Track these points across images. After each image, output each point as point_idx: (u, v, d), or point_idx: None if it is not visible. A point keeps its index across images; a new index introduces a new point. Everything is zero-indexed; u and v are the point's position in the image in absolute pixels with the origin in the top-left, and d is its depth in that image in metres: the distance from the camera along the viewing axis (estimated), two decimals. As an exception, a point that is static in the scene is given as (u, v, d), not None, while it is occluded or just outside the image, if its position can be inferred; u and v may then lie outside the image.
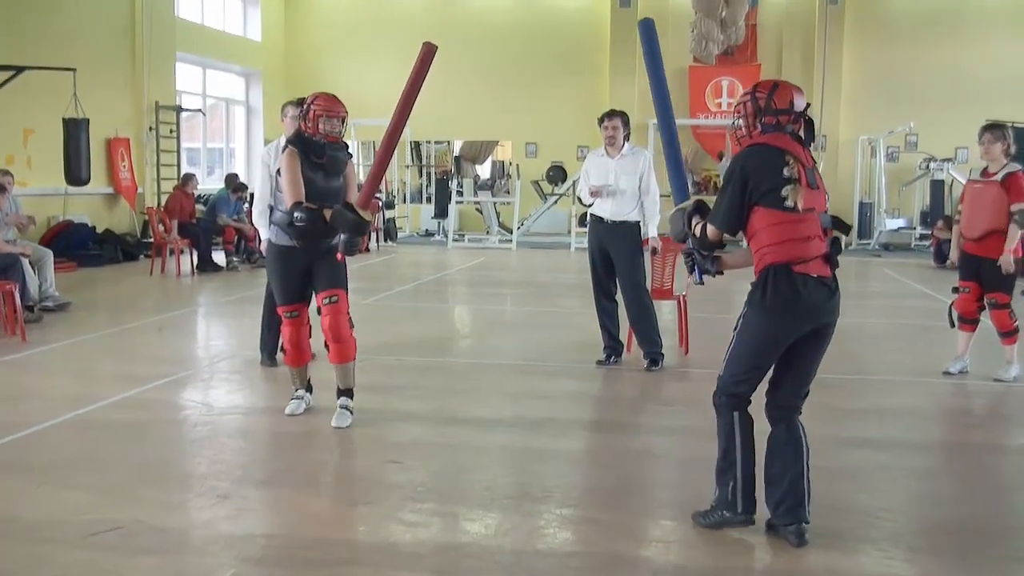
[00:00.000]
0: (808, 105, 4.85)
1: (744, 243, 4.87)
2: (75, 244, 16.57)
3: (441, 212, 24.29)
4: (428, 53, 6.43)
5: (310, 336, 6.99)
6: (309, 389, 7.18)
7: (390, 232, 22.99)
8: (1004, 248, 8.14)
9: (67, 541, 4.69)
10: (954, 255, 8.94)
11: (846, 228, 4.76)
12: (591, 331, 9.13)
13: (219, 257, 16.87)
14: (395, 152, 22.80)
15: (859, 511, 5.30)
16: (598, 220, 8.72)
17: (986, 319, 8.62)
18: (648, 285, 8.89)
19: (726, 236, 4.81)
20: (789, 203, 4.56)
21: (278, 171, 6.70)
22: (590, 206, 8.84)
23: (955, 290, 8.68)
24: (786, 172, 4.57)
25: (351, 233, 6.36)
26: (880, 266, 18.84)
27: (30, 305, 10.65)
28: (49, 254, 11.79)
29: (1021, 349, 8.51)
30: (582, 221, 16.48)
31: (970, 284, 8.50)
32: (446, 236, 23.24)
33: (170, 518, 5.06)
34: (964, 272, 8.59)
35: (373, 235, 21.59)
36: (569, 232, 21.99)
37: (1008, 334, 8.41)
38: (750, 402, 4.87)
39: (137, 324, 11.06)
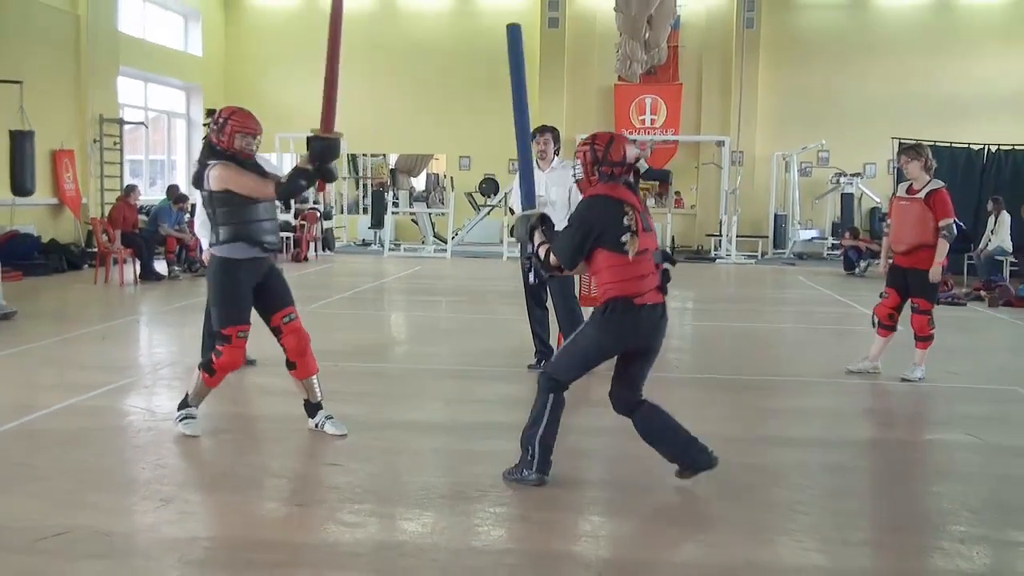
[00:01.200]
0: (638, 158, 5.37)
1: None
2: (21, 254, 16.29)
3: (377, 223, 24.21)
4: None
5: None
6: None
7: (328, 242, 22.87)
8: (934, 261, 8.31)
9: (12, 547, 4.59)
10: (883, 265, 9.08)
11: (672, 261, 5.46)
12: (523, 336, 9.14)
13: (161, 266, 16.66)
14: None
15: (777, 505, 5.35)
16: (530, 230, 8.73)
17: (901, 325, 8.78)
18: (576, 293, 8.92)
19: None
20: (627, 249, 5.12)
21: (213, 191, 6.24)
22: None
23: (880, 296, 8.86)
24: (626, 221, 5.14)
25: (332, 157, 6.32)
26: (794, 274, 19.07)
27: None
28: (-5, 265, 11.59)
29: (929, 354, 8.70)
30: (513, 232, 16.53)
31: (891, 291, 8.68)
32: (382, 246, 23.15)
33: (115, 522, 4.97)
34: (889, 280, 8.78)
35: (311, 244, 21.47)
36: (501, 242, 22.01)
37: (923, 339, 8.59)
38: (567, 388, 5.51)
39: (81, 332, 10.87)
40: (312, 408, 6.61)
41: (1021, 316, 13.06)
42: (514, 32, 6.11)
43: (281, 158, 23.80)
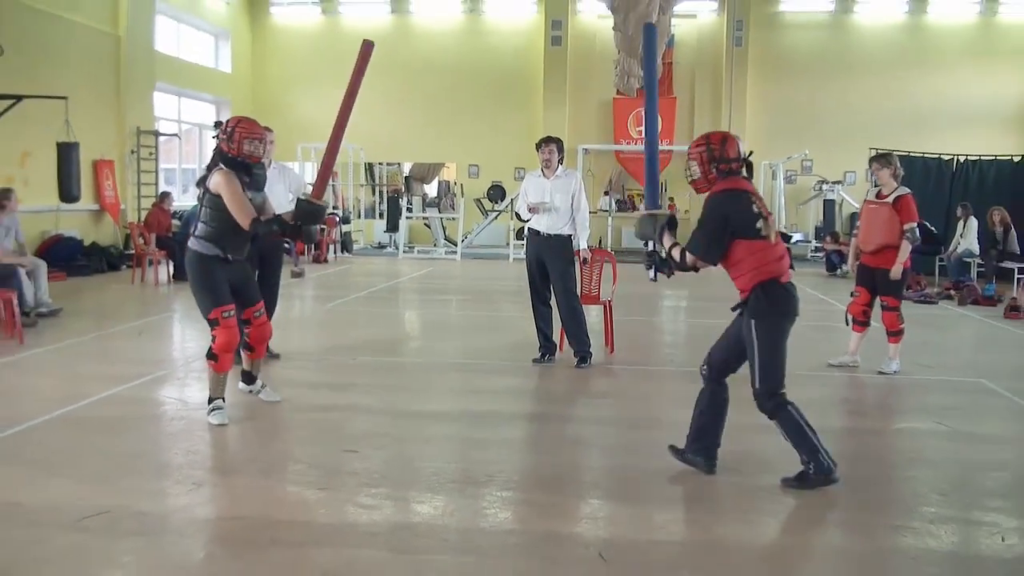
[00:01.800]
0: (751, 152, 5.30)
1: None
2: (65, 256, 16.33)
3: (392, 227, 24.20)
4: (367, 51, 6.79)
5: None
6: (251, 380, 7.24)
7: (346, 244, 22.87)
8: (896, 260, 8.36)
9: (60, 524, 4.63)
10: (851, 264, 9.13)
11: (789, 239, 5.30)
12: (528, 332, 9.15)
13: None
14: (351, 171, 22.29)
15: (762, 489, 5.37)
16: (535, 233, 8.76)
17: (876, 321, 8.80)
18: (578, 291, 8.93)
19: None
20: (763, 233, 5.11)
21: (209, 192, 6.38)
22: (527, 221, 8.88)
23: (853, 295, 8.89)
24: (755, 209, 5.12)
25: (314, 221, 6.42)
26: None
27: (26, 311, 10.52)
28: (43, 265, 11.63)
29: (903, 348, 8.71)
30: (520, 234, 16.53)
31: (862, 290, 8.72)
32: (397, 248, 23.14)
33: (151, 503, 5.00)
34: (859, 279, 8.83)
35: (331, 247, 21.49)
36: (508, 244, 22.00)
37: (894, 333, 8.61)
38: (786, 393, 5.37)
39: (120, 328, 10.90)
40: (250, 378, 7.17)
41: (987, 314, 13.05)
42: (649, 31, 6.02)
43: (303, 167, 23.84)
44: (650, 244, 5.52)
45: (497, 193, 24.19)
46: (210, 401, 6.59)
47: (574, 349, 8.70)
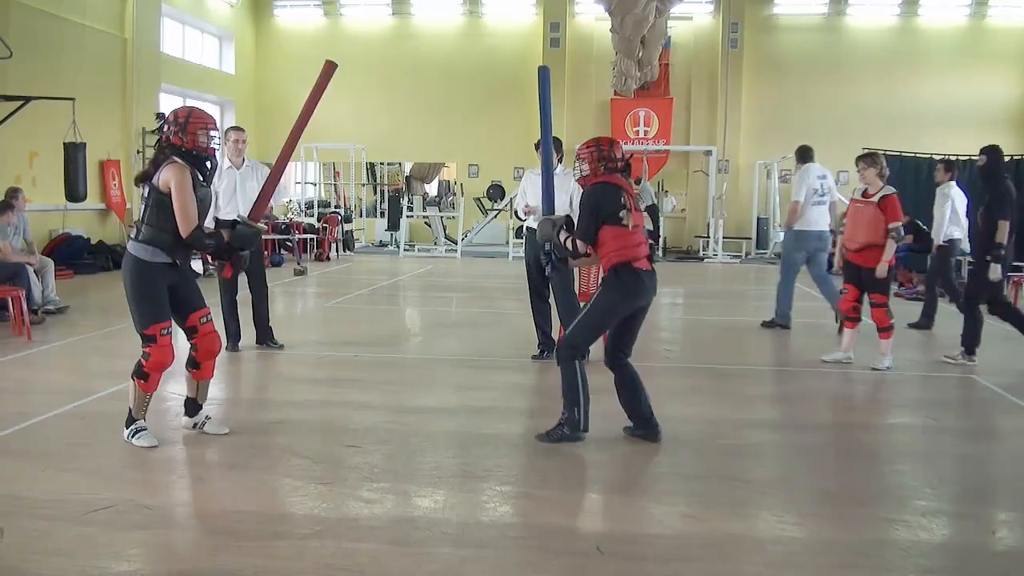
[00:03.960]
0: (632, 155, 5.82)
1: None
2: (72, 254, 16.36)
3: (393, 225, 24.22)
4: (329, 71, 6.63)
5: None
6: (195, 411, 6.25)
7: (348, 243, 22.87)
8: (881, 258, 8.36)
9: (68, 517, 4.63)
10: (838, 262, 9.15)
11: (656, 237, 6.07)
12: (527, 329, 9.16)
13: (196, 265, 16.67)
14: (353, 170, 22.26)
15: (756, 483, 5.37)
16: (533, 231, 8.74)
17: (866, 317, 8.80)
18: (576, 288, 8.93)
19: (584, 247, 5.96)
20: (624, 222, 5.87)
21: (157, 189, 5.66)
22: (525, 220, 8.88)
23: (840, 292, 8.90)
24: (623, 200, 5.90)
25: (250, 246, 6.00)
26: (775, 272, 18.97)
27: (34, 308, 10.55)
28: (50, 263, 11.64)
29: (894, 343, 8.72)
30: (519, 233, 16.53)
31: (849, 287, 8.73)
32: (398, 246, 23.15)
33: (156, 497, 5.01)
34: (846, 276, 8.82)
35: (333, 245, 21.48)
36: (507, 243, 22.01)
37: (884, 330, 8.61)
38: (586, 354, 6.12)
39: (125, 325, 10.85)
40: (194, 408, 6.22)
41: (979, 310, 13.03)
42: (543, 73, 6.81)
43: (304, 166, 23.84)
44: (547, 245, 6.20)
45: (496, 192, 24.21)
46: (130, 422, 5.91)
47: (572, 345, 8.70)
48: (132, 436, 5.87)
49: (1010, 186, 8.99)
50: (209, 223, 8.88)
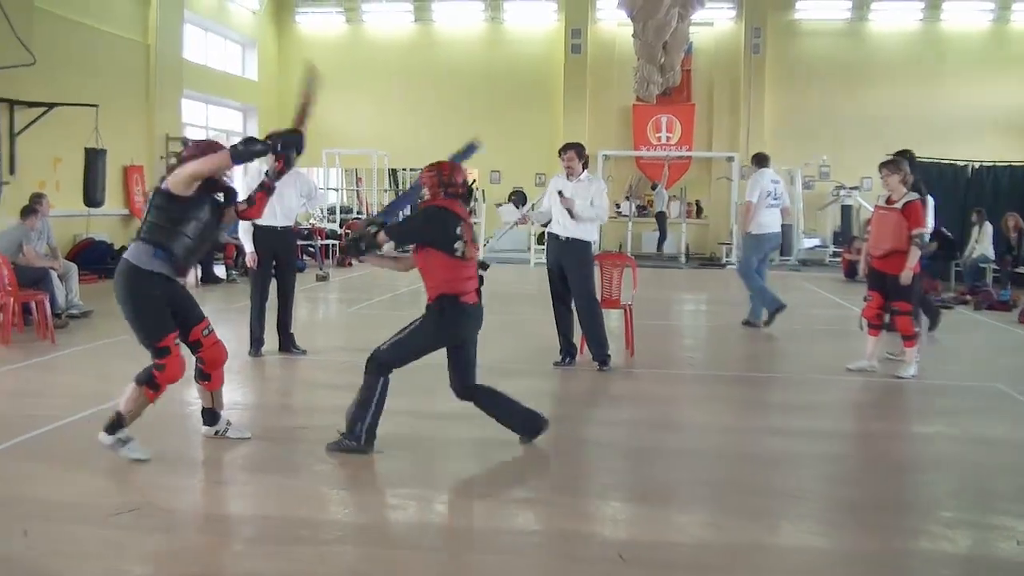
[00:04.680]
0: (475, 180, 5.84)
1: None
2: (96, 259, 16.44)
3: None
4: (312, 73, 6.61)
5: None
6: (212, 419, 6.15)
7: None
8: (905, 265, 8.31)
9: (90, 520, 4.68)
10: (863, 269, 9.11)
11: (485, 267, 6.33)
12: (549, 336, 9.14)
13: (220, 270, 16.80)
14: (375, 176, 22.23)
15: (780, 492, 5.36)
16: (554, 238, 8.77)
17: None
18: (598, 295, 8.94)
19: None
20: (458, 253, 5.75)
21: (169, 194, 5.54)
22: (546, 226, 8.89)
23: (865, 299, 8.86)
24: (458, 231, 5.78)
25: (295, 144, 6.04)
26: (798, 280, 18.97)
27: (58, 313, 10.62)
28: (74, 268, 11.74)
29: (919, 355, 8.67)
30: (540, 239, 16.54)
31: (874, 294, 8.68)
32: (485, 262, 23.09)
33: (179, 500, 5.05)
34: (870, 283, 8.78)
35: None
36: (529, 249, 22.01)
37: (908, 338, 8.56)
38: (392, 372, 5.79)
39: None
40: (212, 417, 6.16)
41: (1002, 319, 12.96)
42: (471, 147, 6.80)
43: (327, 172, 23.94)
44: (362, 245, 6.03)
45: (519, 199, 24.21)
46: (116, 428, 5.61)
47: (593, 353, 8.70)
48: (121, 446, 5.58)
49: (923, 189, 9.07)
50: (246, 230, 9.04)
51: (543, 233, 9.82)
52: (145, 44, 19.84)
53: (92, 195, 16.06)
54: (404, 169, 27.21)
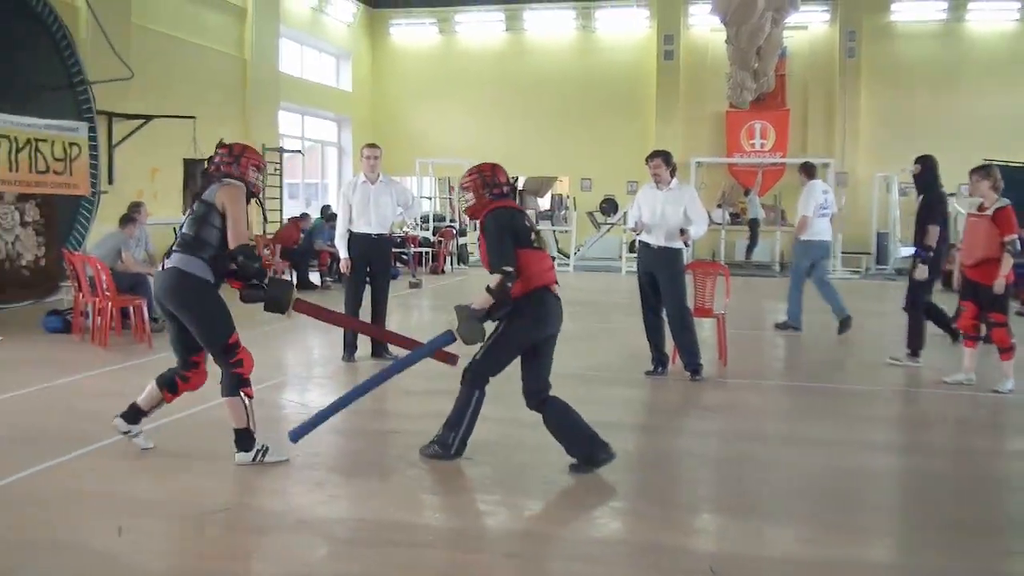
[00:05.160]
0: (517, 178, 5.57)
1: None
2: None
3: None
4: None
5: None
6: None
7: (462, 256, 23.09)
8: (998, 274, 8.06)
9: (184, 518, 4.81)
10: (957, 279, 8.87)
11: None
12: (639, 345, 9.08)
13: (315, 277, 17.11)
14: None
15: (871, 507, 5.24)
16: (645, 246, 8.71)
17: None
18: (691, 304, 8.85)
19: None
20: (536, 244, 5.64)
21: (212, 207, 5.66)
22: (637, 234, 8.84)
23: (958, 310, 8.61)
24: (527, 223, 5.69)
25: (272, 306, 5.91)
26: (895, 289, 18.40)
27: (155, 317, 10.84)
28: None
29: (1016, 364, 8.36)
30: (632, 247, 16.45)
31: (967, 304, 8.40)
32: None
33: (272, 502, 5.14)
34: (962, 293, 8.54)
35: (447, 258, 21.71)
36: (620, 257, 21.90)
37: (1005, 350, 8.27)
38: (488, 382, 5.70)
39: (244, 334, 11.14)
40: (135, 416, 6.01)
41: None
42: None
43: (420, 181, 24.17)
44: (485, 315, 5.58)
45: (609, 206, 24.15)
46: (250, 443, 5.75)
47: (684, 362, 8.61)
48: (263, 456, 5.72)
49: (943, 194, 9.66)
50: (342, 236, 9.22)
51: (634, 241, 9.75)
52: (242, 58, 20.35)
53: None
54: (495, 178, 27.32)
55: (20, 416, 7.07)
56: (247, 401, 5.75)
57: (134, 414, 5.98)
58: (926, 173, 9.68)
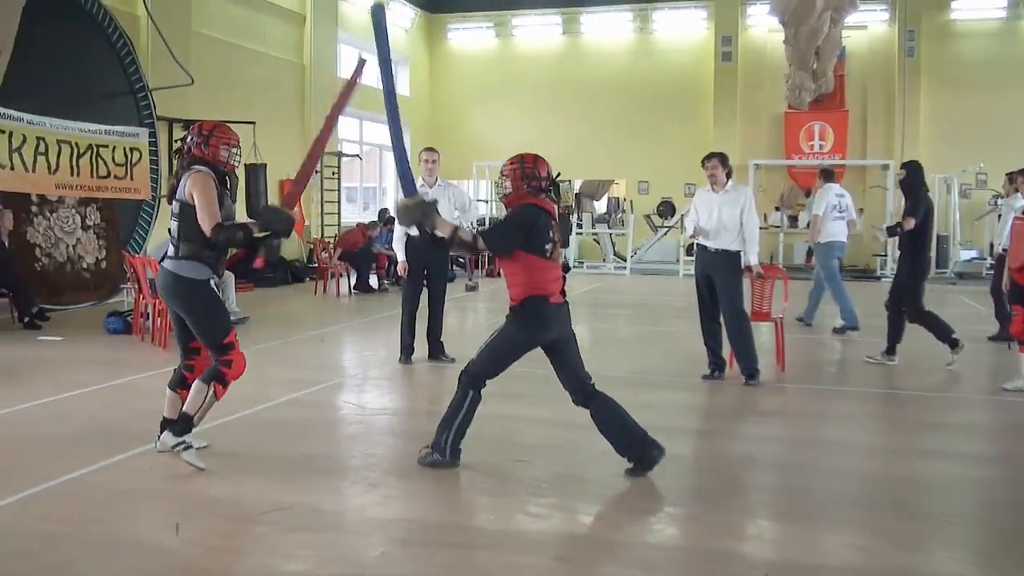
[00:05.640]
0: (559, 173, 5.78)
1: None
2: (253, 268, 17.01)
3: (563, 243, 24.28)
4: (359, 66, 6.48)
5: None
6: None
7: (518, 259, 23.07)
8: None
9: (242, 518, 4.84)
10: (1006, 284, 8.61)
11: (568, 268, 5.59)
12: (696, 349, 9.00)
13: (373, 280, 17.24)
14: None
15: (932, 516, 5.10)
16: (703, 249, 8.62)
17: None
18: (748, 308, 8.74)
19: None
20: (548, 254, 5.51)
21: (184, 203, 5.60)
22: (694, 238, 8.76)
23: (1010, 314, 8.42)
24: (551, 233, 5.54)
25: (281, 231, 5.81)
26: (955, 293, 18.17)
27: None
28: (231, 277, 12.20)
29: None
30: (689, 250, 16.34)
31: (1018, 308, 8.19)
32: (567, 263, 23.22)
33: (328, 502, 5.16)
34: (1012, 297, 8.34)
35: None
36: (677, 260, 21.76)
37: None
38: (485, 385, 5.64)
39: (303, 336, 11.28)
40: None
41: None
42: (377, 12, 6.19)
43: (477, 184, 24.23)
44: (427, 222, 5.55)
45: (667, 209, 24.01)
46: (183, 431, 5.64)
47: (742, 367, 8.50)
48: (182, 449, 5.59)
49: (927, 198, 9.57)
50: (399, 239, 9.25)
51: (691, 244, 9.67)
52: (300, 64, 20.58)
53: (255, 207, 16.67)
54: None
55: (82, 414, 7.20)
56: (210, 395, 5.65)
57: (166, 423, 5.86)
58: (911, 178, 9.64)
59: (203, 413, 5.73)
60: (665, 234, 23.22)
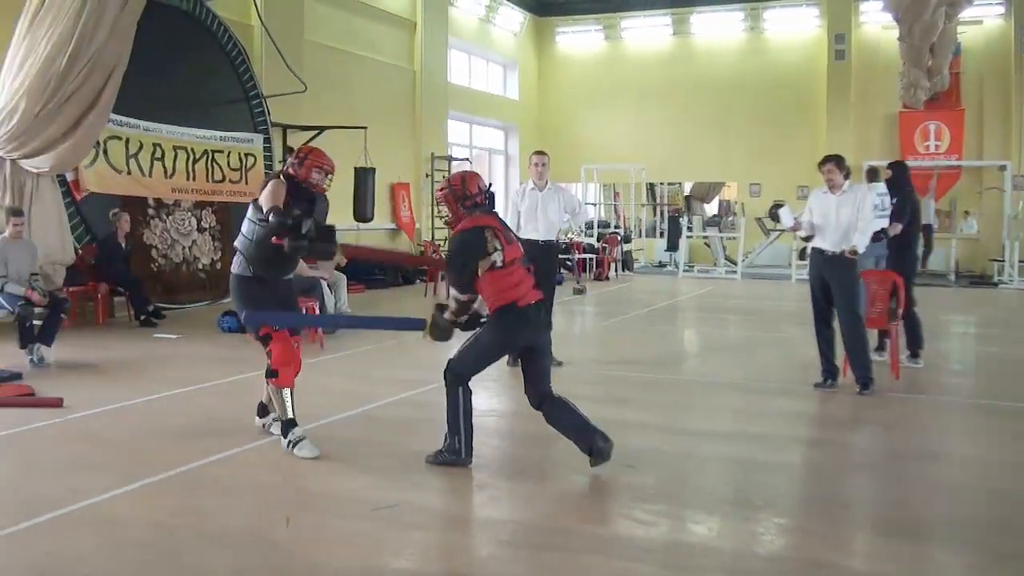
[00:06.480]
0: (491, 184, 5.87)
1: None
2: (364, 270, 17.34)
3: (673, 246, 24.12)
4: None
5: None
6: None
7: (627, 263, 22.99)
8: None
9: (353, 514, 4.91)
10: None
11: (534, 259, 6.21)
12: (809, 356, 8.80)
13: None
14: (632, 190, 22.41)
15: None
16: (818, 252, 8.42)
17: None
18: (863, 315, 8.52)
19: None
20: (499, 264, 5.54)
21: (253, 204, 6.06)
22: (808, 240, 8.57)
23: None
24: (492, 245, 5.55)
25: (320, 250, 6.29)
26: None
27: (326, 319, 11.26)
28: (343, 278, 12.38)
29: None
30: (802, 255, 16.04)
31: None
32: (677, 267, 23.03)
33: (437, 500, 5.22)
34: None
35: (612, 265, 21.63)
36: (790, 264, 21.36)
37: None
38: (469, 381, 5.76)
39: (413, 336, 11.37)
40: (266, 410, 6.43)
41: None
42: None
43: (585, 187, 24.18)
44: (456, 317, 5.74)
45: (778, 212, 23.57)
46: (286, 430, 5.99)
47: (856, 375, 8.27)
48: (292, 447, 5.92)
49: (914, 197, 9.84)
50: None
51: (804, 248, 9.48)
52: (412, 70, 20.88)
53: (362, 210, 16.96)
54: (661, 183, 27.11)
55: (197, 408, 7.45)
56: (271, 389, 6.07)
57: (262, 407, 6.45)
58: (897, 178, 9.81)
59: (278, 406, 6.05)
60: (777, 237, 22.81)
